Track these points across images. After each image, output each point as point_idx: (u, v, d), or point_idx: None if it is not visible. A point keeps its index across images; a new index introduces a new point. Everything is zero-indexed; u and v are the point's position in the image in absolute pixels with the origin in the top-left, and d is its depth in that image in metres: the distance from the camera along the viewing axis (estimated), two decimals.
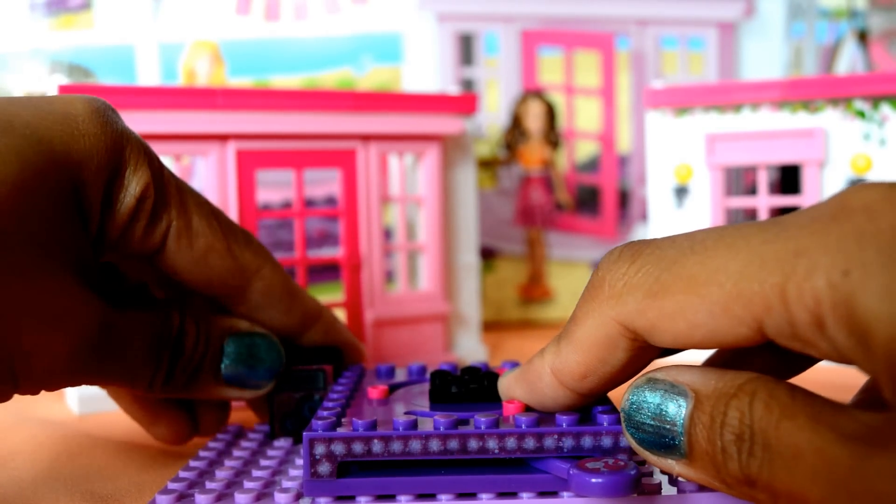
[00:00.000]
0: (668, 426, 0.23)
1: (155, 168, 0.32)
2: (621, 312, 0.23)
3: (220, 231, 0.33)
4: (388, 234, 0.63)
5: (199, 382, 0.33)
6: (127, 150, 0.31)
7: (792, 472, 0.20)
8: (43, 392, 0.51)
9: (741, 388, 0.21)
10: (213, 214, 0.33)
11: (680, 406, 0.23)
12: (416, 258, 0.59)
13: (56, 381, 0.29)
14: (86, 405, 0.47)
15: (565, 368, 0.26)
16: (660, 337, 0.23)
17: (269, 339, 0.34)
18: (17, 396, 0.50)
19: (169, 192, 0.32)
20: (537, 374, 0.27)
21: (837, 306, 0.19)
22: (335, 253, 0.53)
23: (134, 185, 0.31)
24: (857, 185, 0.21)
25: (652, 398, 0.23)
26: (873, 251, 0.19)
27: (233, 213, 0.49)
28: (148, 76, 0.73)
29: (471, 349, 0.59)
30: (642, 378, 0.24)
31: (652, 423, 0.23)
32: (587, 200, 0.77)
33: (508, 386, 0.29)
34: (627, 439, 0.24)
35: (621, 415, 0.24)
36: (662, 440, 0.23)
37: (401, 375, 0.36)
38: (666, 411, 0.23)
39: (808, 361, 0.27)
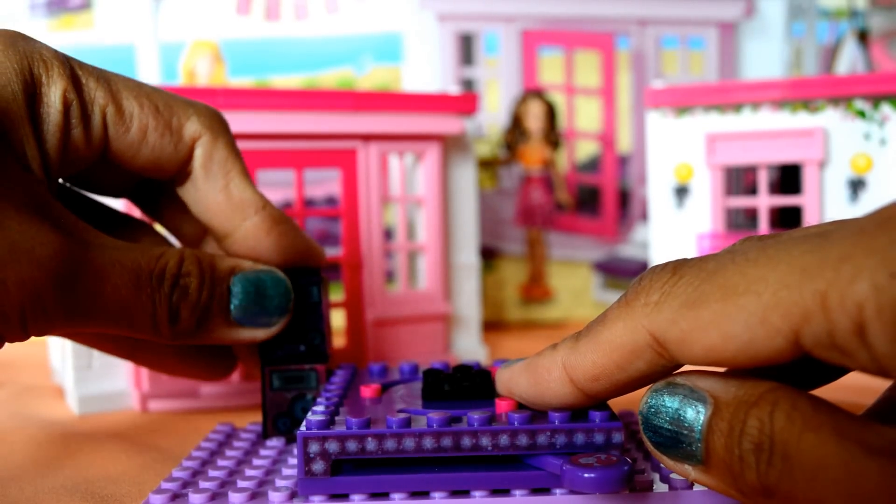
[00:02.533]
0: (685, 431, 0.23)
1: (69, 68, 0.31)
2: (654, 321, 0.23)
3: (153, 108, 0.32)
4: (388, 234, 0.63)
5: (210, 326, 0.32)
6: (36, 65, 0.30)
7: (814, 485, 0.20)
8: (43, 392, 0.51)
9: (762, 396, 0.21)
10: (146, 94, 0.33)
11: (699, 412, 0.22)
12: (416, 258, 0.59)
13: (35, 321, 0.28)
14: (86, 405, 0.47)
15: (580, 366, 0.25)
16: (689, 350, 0.22)
17: (275, 273, 0.34)
18: (16, 396, 0.51)
19: (90, 84, 0.31)
20: (546, 368, 0.26)
21: (882, 310, 0.18)
22: (335, 253, 0.53)
23: (53, 95, 0.30)
24: None
25: (671, 402, 0.23)
26: None
27: None
28: (148, 76, 0.73)
29: (471, 349, 0.59)
30: (662, 381, 0.24)
31: (669, 427, 0.23)
32: (587, 200, 0.77)
33: (510, 377, 0.28)
34: (644, 442, 0.24)
35: (639, 417, 0.24)
36: (679, 445, 0.23)
37: (393, 374, 0.36)
38: (684, 416, 0.23)
39: (831, 376, 0.26)
